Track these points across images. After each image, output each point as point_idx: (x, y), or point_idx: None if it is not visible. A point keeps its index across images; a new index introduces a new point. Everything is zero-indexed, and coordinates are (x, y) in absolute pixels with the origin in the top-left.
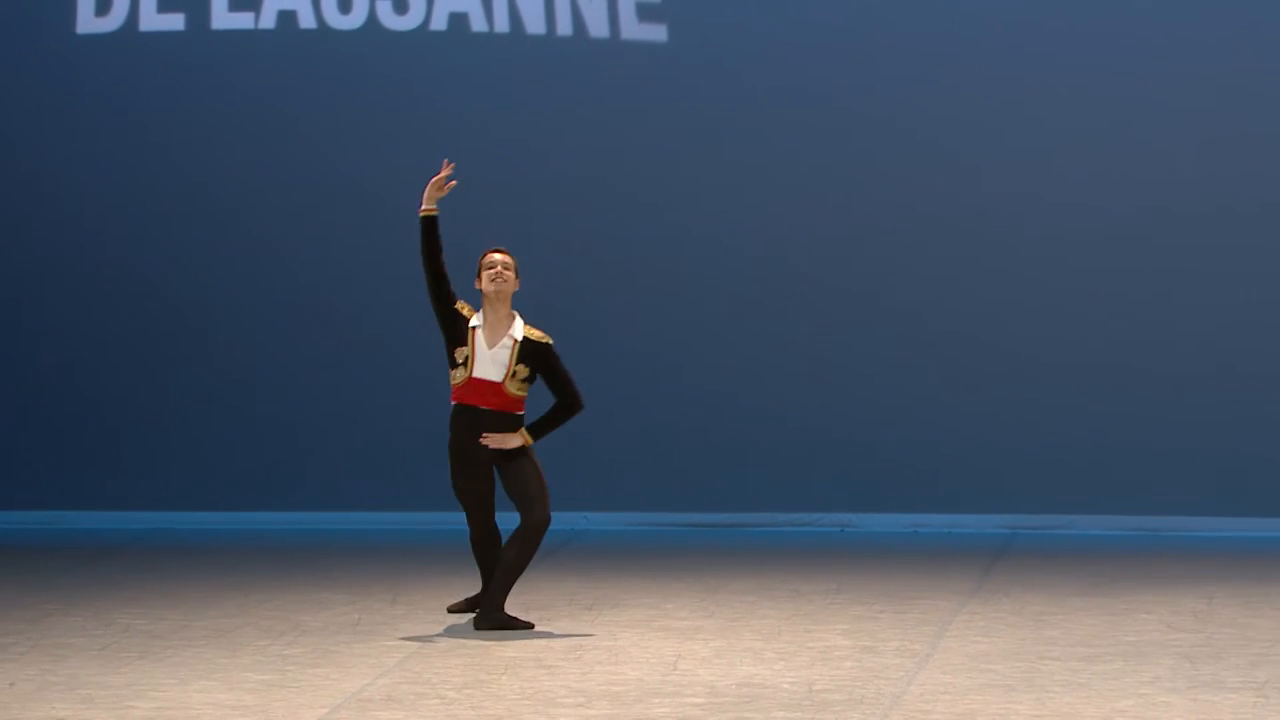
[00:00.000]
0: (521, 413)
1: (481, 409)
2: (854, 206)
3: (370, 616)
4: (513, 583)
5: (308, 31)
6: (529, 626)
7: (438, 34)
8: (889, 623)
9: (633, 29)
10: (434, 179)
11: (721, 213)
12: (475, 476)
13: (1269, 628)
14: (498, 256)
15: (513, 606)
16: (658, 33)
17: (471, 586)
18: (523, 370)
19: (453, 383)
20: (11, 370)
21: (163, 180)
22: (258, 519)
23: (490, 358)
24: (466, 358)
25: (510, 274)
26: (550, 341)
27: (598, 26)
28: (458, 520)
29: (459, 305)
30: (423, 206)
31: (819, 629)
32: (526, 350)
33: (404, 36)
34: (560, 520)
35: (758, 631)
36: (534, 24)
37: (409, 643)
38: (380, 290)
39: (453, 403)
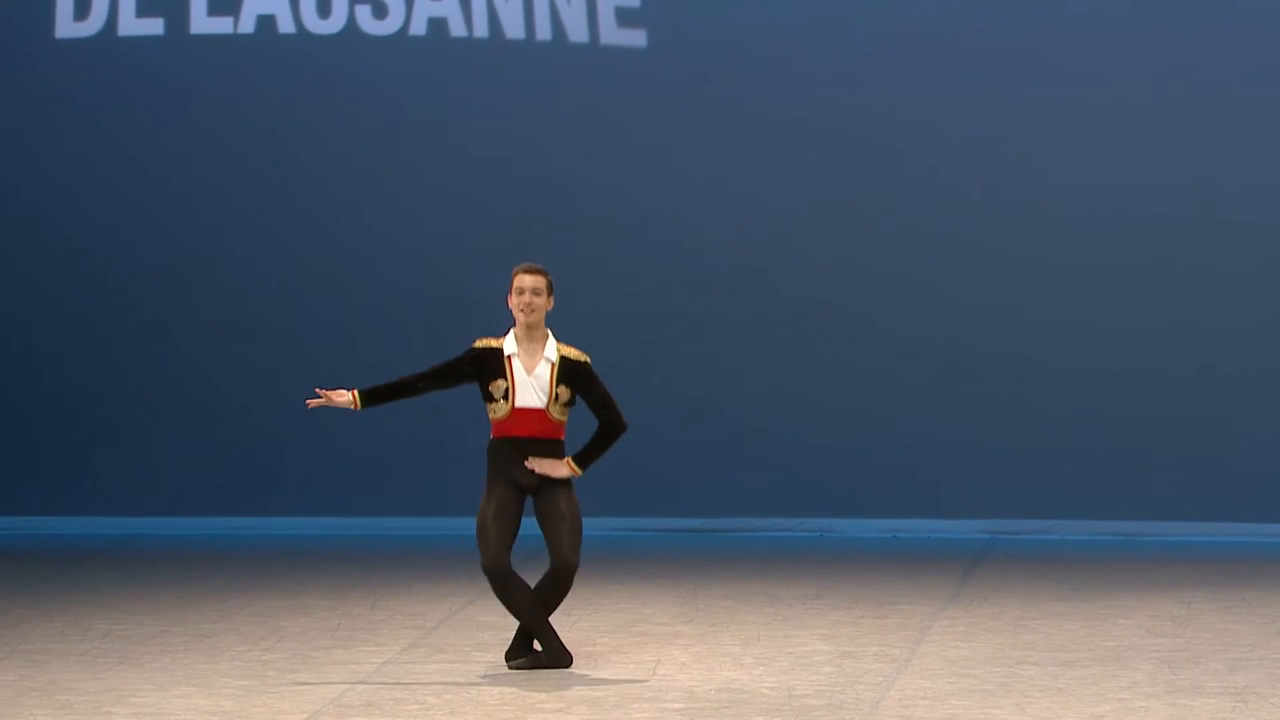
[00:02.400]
0: (562, 439)
1: (525, 438)
2: (833, 213)
3: (350, 622)
4: (546, 624)
5: (287, 36)
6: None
7: (417, 39)
8: (868, 628)
9: (612, 34)
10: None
11: (701, 217)
12: (510, 509)
13: (1247, 633)
14: (528, 281)
15: (491, 613)
16: (637, 38)
17: (453, 601)
18: (564, 393)
19: (493, 417)
20: None
21: (141, 185)
22: (237, 524)
23: (530, 384)
24: (506, 390)
25: (541, 299)
26: (587, 359)
27: (577, 31)
28: (436, 526)
29: (478, 346)
30: (351, 403)
31: (798, 634)
32: (565, 370)
33: (383, 41)
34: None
35: (737, 637)
36: (513, 29)
37: (388, 648)
38: (360, 296)
39: (493, 437)
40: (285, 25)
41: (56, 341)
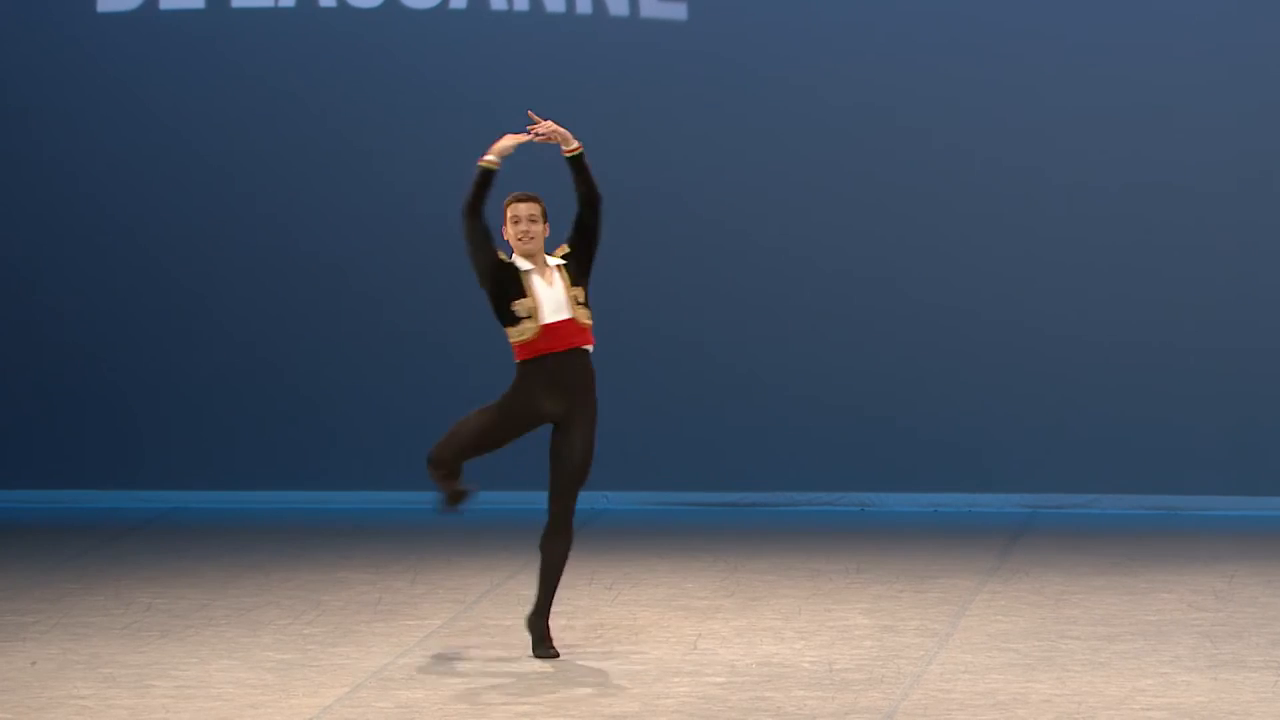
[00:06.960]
0: (591, 346)
1: (560, 352)
2: (873, 188)
3: (391, 595)
4: (554, 588)
5: (327, 10)
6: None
7: (457, 12)
8: (909, 602)
9: (652, 7)
10: (516, 136)
11: (742, 192)
12: (506, 431)
13: None
14: (523, 209)
15: (532, 587)
16: (678, 11)
17: (494, 574)
18: (579, 291)
19: (517, 339)
20: (30, 349)
21: (182, 159)
22: (278, 498)
23: (550, 298)
24: (530, 310)
25: (538, 226)
26: (567, 249)
27: (617, 4)
28: (477, 500)
29: (503, 256)
30: (486, 157)
31: (839, 608)
32: (569, 266)
33: (423, 14)
34: (581, 500)
35: (778, 611)
36: (553, 2)
37: (429, 622)
38: (400, 269)
39: (523, 359)
40: None
41: (97, 314)
